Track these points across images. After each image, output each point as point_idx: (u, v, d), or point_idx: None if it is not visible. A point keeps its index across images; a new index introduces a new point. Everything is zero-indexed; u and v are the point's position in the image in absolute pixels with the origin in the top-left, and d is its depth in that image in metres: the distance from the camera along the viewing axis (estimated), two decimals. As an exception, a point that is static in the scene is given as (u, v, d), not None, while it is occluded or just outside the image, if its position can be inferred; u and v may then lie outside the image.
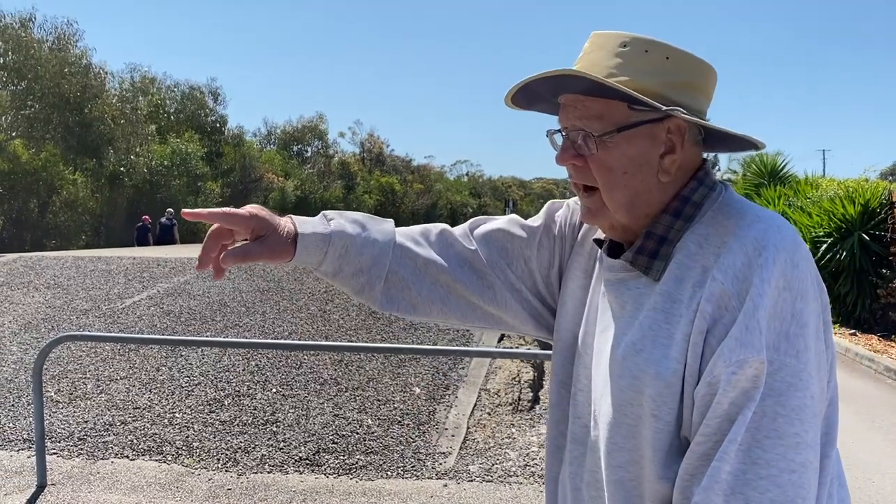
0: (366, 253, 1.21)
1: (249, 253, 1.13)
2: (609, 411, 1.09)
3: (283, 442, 5.01)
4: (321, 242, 1.17)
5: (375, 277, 1.22)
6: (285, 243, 1.15)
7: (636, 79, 1.06)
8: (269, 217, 1.16)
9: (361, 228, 1.22)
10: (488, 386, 6.19)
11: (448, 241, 1.32)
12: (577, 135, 1.11)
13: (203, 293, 9.17)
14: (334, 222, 1.20)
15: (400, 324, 7.81)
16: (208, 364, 6.54)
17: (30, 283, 9.90)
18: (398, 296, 1.25)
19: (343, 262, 1.20)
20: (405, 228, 1.31)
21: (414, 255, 1.26)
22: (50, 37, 24.54)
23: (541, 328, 1.36)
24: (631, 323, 1.09)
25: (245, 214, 1.14)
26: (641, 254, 1.09)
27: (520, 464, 4.81)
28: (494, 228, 1.34)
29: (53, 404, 5.64)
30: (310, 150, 51.71)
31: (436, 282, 1.27)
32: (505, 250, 1.32)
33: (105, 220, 26.85)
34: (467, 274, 1.29)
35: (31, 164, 22.89)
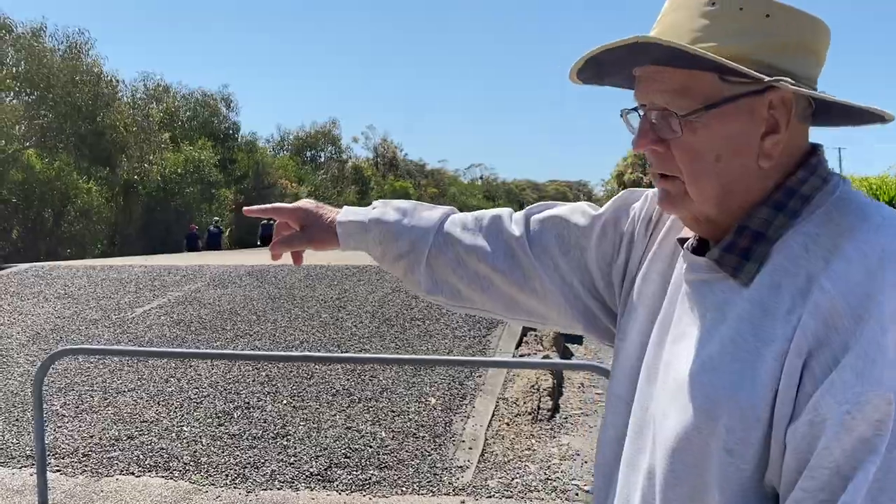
0: (403, 239, 1.20)
1: (293, 241, 1.23)
2: (671, 436, 0.88)
3: (293, 456, 4.82)
4: (359, 229, 1.21)
5: (414, 262, 1.21)
6: (327, 231, 1.21)
7: (728, 43, 0.85)
8: (314, 208, 1.24)
9: (402, 215, 1.22)
10: (506, 395, 5.97)
11: (497, 228, 1.20)
12: (657, 114, 0.90)
13: (214, 302, 9.02)
14: (376, 210, 1.23)
15: (414, 331, 7.61)
16: (217, 375, 6.37)
17: (40, 293, 9.79)
18: (441, 282, 1.22)
19: (385, 248, 1.21)
20: (462, 214, 1.26)
21: (457, 242, 1.20)
22: (62, 46, 24.62)
23: (593, 329, 1.18)
24: (711, 334, 0.89)
25: (290, 207, 1.24)
26: (730, 252, 0.89)
27: (541, 477, 4.60)
28: (552, 214, 1.18)
29: (59, 418, 5.48)
30: (323, 155, 51.73)
31: (476, 270, 1.19)
32: (560, 238, 1.16)
33: (120, 228, 26.88)
34: (509, 264, 1.17)
35: (45, 174, 22.92)
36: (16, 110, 22.65)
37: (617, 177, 48.80)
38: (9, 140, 21.55)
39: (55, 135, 23.98)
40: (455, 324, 7.83)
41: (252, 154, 38.35)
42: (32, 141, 23.07)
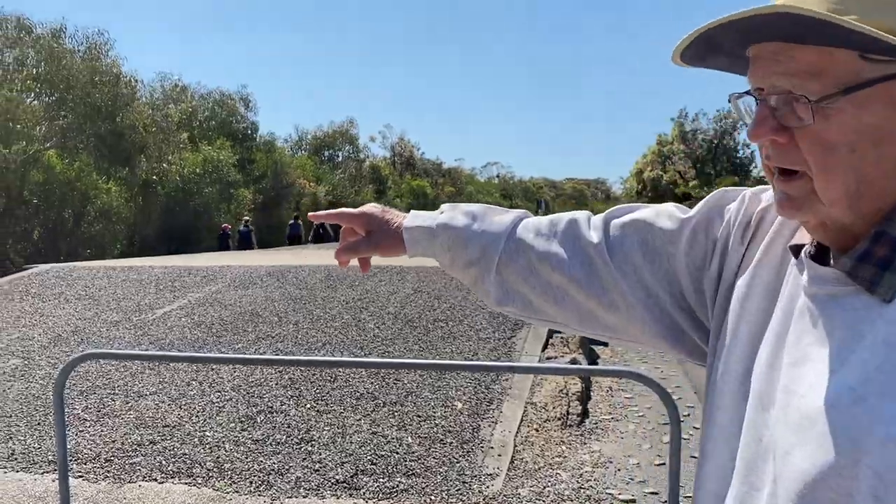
0: (473, 245, 1.12)
1: (358, 247, 1.19)
2: (800, 477, 0.74)
3: (318, 463, 4.71)
4: (426, 235, 1.15)
5: (484, 270, 1.12)
6: (393, 237, 1.17)
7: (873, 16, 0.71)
8: (380, 213, 1.19)
9: (472, 220, 1.14)
10: (534, 399, 5.83)
11: (574, 233, 1.08)
12: (779, 99, 0.77)
13: (235, 303, 8.95)
14: (444, 215, 1.16)
15: (438, 333, 7.49)
16: (240, 378, 6.28)
17: (61, 294, 9.77)
18: (512, 292, 1.12)
19: (454, 255, 1.14)
20: (536, 218, 1.15)
21: (529, 248, 1.10)
22: (81, 47, 24.73)
23: (679, 346, 1.05)
24: (844, 357, 0.75)
25: (355, 213, 1.20)
26: (866, 262, 0.76)
27: (573, 486, 4.45)
28: (635, 218, 1.05)
29: (80, 422, 5.41)
30: (341, 155, 51.76)
31: (549, 280, 1.09)
32: (644, 244, 1.03)
33: (139, 228, 26.96)
34: (586, 273, 1.05)
35: (65, 175, 23.01)
36: (36, 111, 22.77)
37: (636, 174, 48.45)
38: (29, 141, 21.65)
39: (75, 135, 24.08)
40: (479, 325, 7.70)
41: (270, 154, 38.38)
42: (53, 142, 23.18)
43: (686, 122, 47.90)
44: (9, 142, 21.01)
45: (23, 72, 23.30)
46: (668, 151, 47.42)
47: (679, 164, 46.92)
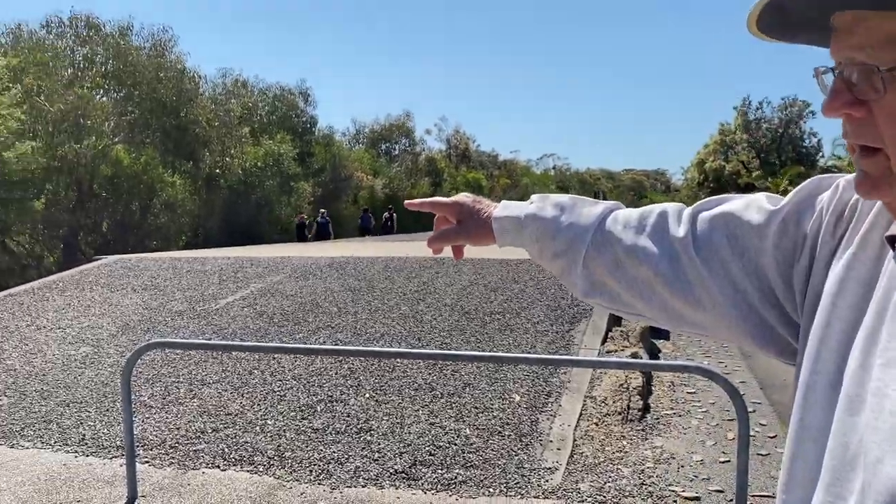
0: (560, 237, 1.11)
1: (449, 235, 1.21)
2: (892, 489, 0.68)
3: (377, 453, 4.73)
4: (514, 225, 1.15)
5: (571, 262, 1.11)
6: (482, 227, 1.18)
7: None
8: (471, 203, 1.20)
9: (560, 211, 1.13)
10: (594, 393, 5.73)
11: (662, 228, 1.04)
12: (857, 70, 0.72)
13: (296, 293, 9.07)
14: (533, 206, 1.15)
15: (495, 325, 7.45)
16: (300, 367, 6.36)
17: (128, 284, 10.08)
18: (599, 285, 1.11)
19: (542, 246, 1.14)
20: (627, 211, 1.12)
21: (616, 242, 1.07)
22: (147, 44, 25.47)
23: (770, 345, 0.99)
24: None
25: (448, 202, 1.22)
26: None
27: (634, 482, 4.36)
28: (723, 211, 1.00)
29: (146, 409, 5.56)
30: (397, 148, 52.10)
31: (636, 275, 1.06)
32: (733, 239, 0.98)
33: (203, 220, 27.66)
34: (672, 269, 1.01)
35: (133, 168, 23.77)
36: (105, 107, 23.55)
37: (698, 164, 47.34)
38: (99, 136, 22.43)
39: (141, 130, 24.85)
40: (537, 318, 7.62)
41: (329, 147, 38.90)
42: (121, 136, 23.97)
43: (750, 110, 46.57)
44: (80, 137, 21.80)
45: (92, 69, 24.12)
46: (731, 141, 46.20)
47: (742, 154, 45.67)
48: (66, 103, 21.83)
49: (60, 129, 21.74)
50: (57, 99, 21.86)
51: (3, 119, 17.31)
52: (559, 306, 8.00)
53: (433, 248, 1.23)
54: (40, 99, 21.49)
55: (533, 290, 8.66)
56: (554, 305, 8.05)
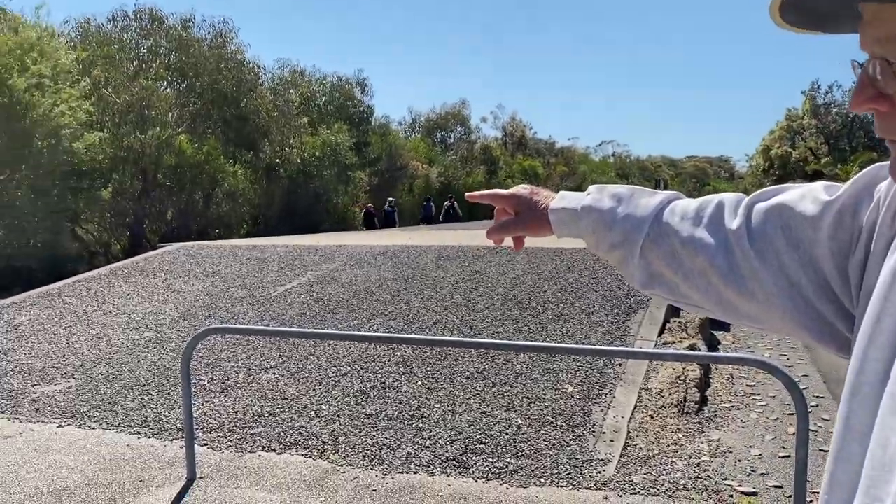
0: (617, 228, 1.11)
1: (507, 227, 1.22)
2: None
3: (428, 440, 4.76)
4: (571, 217, 1.16)
5: (628, 254, 1.11)
6: (540, 218, 1.18)
7: None
8: (528, 194, 1.21)
9: (617, 202, 1.12)
10: (649, 385, 5.64)
11: (719, 219, 1.02)
12: (878, 65, 0.71)
13: (351, 281, 9.18)
14: (590, 197, 1.15)
15: (548, 315, 7.39)
16: (354, 354, 6.43)
17: (190, 271, 10.35)
18: (657, 276, 1.10)
19: (598, 237, 1.14)
20: (685, 201, 1.11)
21: (673, 233, 1.06)
22: (208, 35, 25.97)
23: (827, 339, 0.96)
24: None
25: (506, 194, 1.23)
26: None
27: (690, 475, 4.28)
28: (778, 202, 0.98)
29: (206, 393, 5.71)
30: (452, 136, 52.07)
31: (692, 267, 1.05)
32: (787, 230, 0.95)
33: (263, 209, 28.18)
34: (728, 261, 0.99)
35: (195, 158, 24.35)
36: (168, 98, 24.17)
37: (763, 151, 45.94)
38: (163, 127, 23.04)
39: (203, 121, 25.42)
40: (591, 308, 7.53)
41: (385, 137, 39.10)
42: (183, 127, 24.56)
43: (819, 94, 44.89)
44: (144, 128, 22.44)
45: (156, 61, 24.78)
46: (799, 126, 44.65)
47: (810, 140, 44.11)
48: (131, 95, 22.49)
49: (126, 119, 22.42)
50: (123, 90, 22.54)
51: (73, 111, 17.92)
52: (615, 296, 7.89)
53: (493, 238, 1.25)
54: (107, 91, 22.19)
55: (588, 280, 8.56)
56: (610, 295, 7.94)
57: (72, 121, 17.82)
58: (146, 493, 4.10)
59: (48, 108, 17.09)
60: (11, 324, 8.13)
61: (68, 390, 5.94)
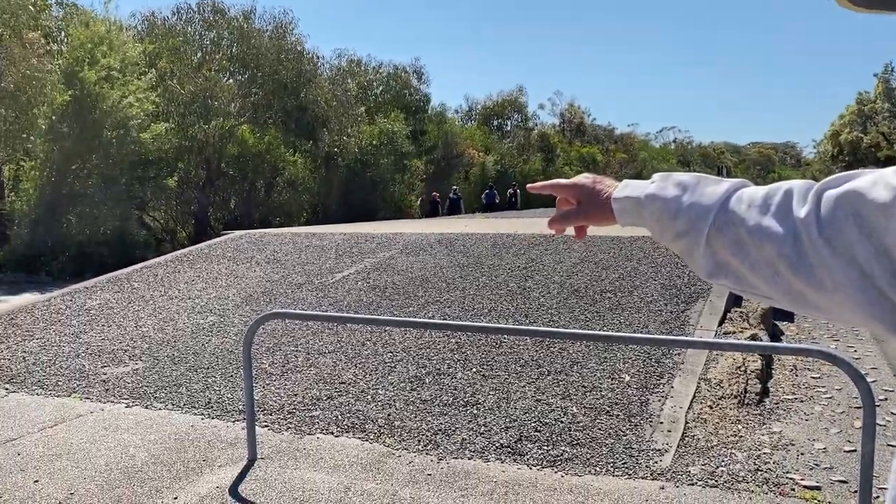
0: (682, 217, 1.08)
1: (568, 217, 1.22)
2: None
3: (483, 426, 4.78)
4: (634, 206, 1.14)
5: (693, 243, 1.08)
6: (602, 207, 1.18)
7: None
8: (591, 183, 1.20)
9: (682, 191, 1.10)
10: (708, 375, 5.54)
11: (787, 207, 0.99)
12: None
13: (406, 268, 9.25)
14: (654, 185, 1.13)
15: (605, 304, 7.32)
16: (410, 340, 6.50)
17: (252, 258, 10.60)
18: (723, 265, 1.07)
19: (663, 226, 1.11)
20: (753, 189, 1.07)
21: (740, 222, 1.02)
22: (268, 27, 26.46)
23: None
24: None
25: (567, 183, 1.23)
26: None
27: (749, 467, 4.19)
28: (849, 189, 0.93)
29: (267, 376, 5.86)
30: (509, 123, 51.80)
31: (759, 256, 1.01)
32: (859, 218, 0.91)
33: (322, 198, 28.63)
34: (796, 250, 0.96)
35: (257, 148, 24.89)
36: (231, 89, 24.74)
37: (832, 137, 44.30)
38: (226, 117, 23.60)
39: (264, 111, 25.93)
40: (650, 297, 7.42)
41: (441, 125, 39.16)
42: (245, 117, 25.11)
43: (892, 77, 42.97)
44: (208, 118, 23.01)
45: (218, 52, 25.36)
46: (871, 111, 42.88)
47: (883, 125, 42.31)
48: (195, 86, 23.08)
49: (190, 110, 23.03)
50: (187, 82, 23.15)
51: (140, 102, 18.51)
52: (674, 285, 7.76)
53: (554, 228, 1.25)
54: (172, 82, 22.82)
55: (646, 269, 8.44)
56: (669, 284, 7.81)
57: (139, 112, 18.40)
58: (209, 472, 4.24)
59: (117, 99, 17.68)
60: (83, 308, 8.48)
61: (136, 372, 6.17)
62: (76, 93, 17.01)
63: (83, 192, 18.21)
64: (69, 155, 17.80)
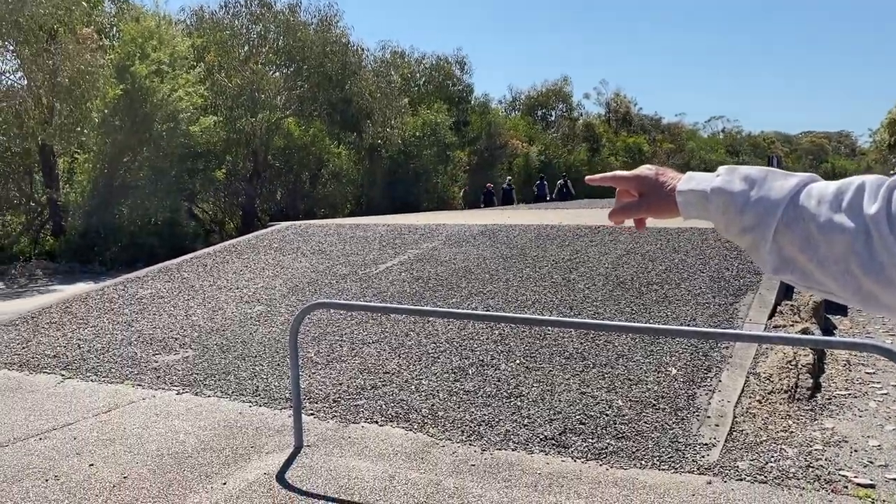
0: (749, 212, 1.07)
1: (630, 209, 1.21)
2: None
3: (527, 418, 4.77)
4: (699, 199, 1.13)
5: (760, 238, 1.07)
6: (666, 199, 1.17)
7: None
8: (654, 175, 1.19)
9: (749, 185, 1.08)
10: (757, 369, 5.43)
11: (858, 203, 0.97)
12: None
13: (449, 259, 9.27)
14: (720, 178, 1.11)
15: (652, 296, 7.22)
16: (454, 331, 6.51)
17: (298, 249, 10.74)
18: (790, 261, 1.06)
19: (729, 220, 1.10)
20: (823, 184, 1.05)
21: (810, 217, 1.01)
22: (314, 20, 26.71)
23: None
24: None
25: (629, 175, 1.21)
26: None
27: (800, 464, 4.10)
28: None
29: (313, 365, 5.93)
30: (554, 114, 51.37)
31: (828, 253, 1.00)
32: None
33: (365, 189, 28.81)
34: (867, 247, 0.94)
35: (302, 140, 25.15)
36: (277, 82, 25.02)
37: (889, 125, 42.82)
38: (272, 110, 23.88)
39: (310, 103, 26.18)
40: (698, 290, 7.30)
41: (485, 115, 39.02)
42: (291, 110, 25.39)
43: (954, 62, 41.28)
44: (255, 111, 23.32)
45: (265, 46, 25.68)
46: (930, 98, 41.28)
47: (943, 112, 40.72)
48: (242, 79, 23.40)
49: (238, 103, 23.37)
50: (234, 75, 23.48)
51: (189, 96, 18.84)
52: (723, 277, 7.62)
53: (615, 220, 1.24)
54: (220, 75, 23.17)
55: (694, 261, 8.30)
56: (717, 277, 7.67)
57: (188, 105, 18.73)
58: (257, 458, 4.32)
59: (167, 93, 18.03)
60: (135, 297, 8.70)
61: (186, 360, 6.31)
62: (128, 87, 17.40)
63: (134, 183, 18.64)
64: (121, 147, 18.23)
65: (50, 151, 18.61)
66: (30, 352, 6.84)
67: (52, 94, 17.77)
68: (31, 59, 17.25)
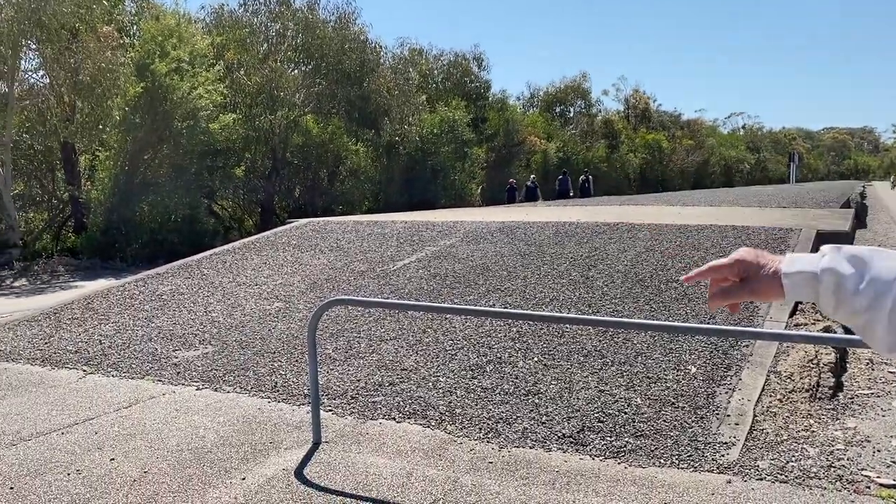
0: (862, 294, 1.07)
1: (731, 293, 1.19)
2: None
3: (545, 416, 4.75)
4: (807, 281, 1.12)
5: (873, 320, 1.07)
6: (769, 282, 1.15)
7: None
8: (753, 259, 1.18)
9: (860, 265, 1.08)
10: (778, 368, 5.37)
11: None
12: None
13: (467, 257, 9.26)
14: (827, 258, 1.11)
15: (671, 293, 7.17)
16: (471, 328, 6.50)
17: (316, 245, 10.77)
18: None
19: (839, 301, 1.09)
20: None
21: None
22: (332, 17, 26.80)
23: None
24: None
25: (729, 262, 1.20)
26: None
27: (822, 464, 4.05)
28: None
29: (331, 361, 5.95)
30: (572, 110, 51.16)
31: None
32: None
33: (383, 186, 28.87)
34: None
35: (320, 137, 25.25)
36: (296, 79, 25.13)
37: (912, 121, 42.16)
38: (291, 107, 23.99)
39: (328, 101, 26.27)
40: (717, 286, 7.23)
41: (502, 112, 38.93)
42: (310, 107, 25.49)
43: (981, 57, 40.58)
44: (274, 108, 23.43)
45: (284, 44, 25.79)
46: (956, 93, 40.62)
47: (969, 108, 40.04)
48: (261, 77, 23.53)
49: (257, 101, 23.50)
50: (253, 73, 23.61)
51: (209, 93, 18.98)
52: (742, 275, 7.54)
53: (713, 306, 1.23)
54: (239, 73, 23.30)
55: (714, 258, 8.20)
56: (736, 274, 7.59)
57: (208, 103, 18.86)
58: (276, 454, 4.34)
59: (186, 91, 18.16)
60: (155, 293, 8.78)
61: (206, 356, 6.36)
62: (148, 84, 17.55)
63: (155, 180, 18.81)
64: (142, 145, 18.40)
65: (72, 149, 18.83)
66: (52, 347, 6.92)
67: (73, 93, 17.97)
68: (52, 57, 17.45)
